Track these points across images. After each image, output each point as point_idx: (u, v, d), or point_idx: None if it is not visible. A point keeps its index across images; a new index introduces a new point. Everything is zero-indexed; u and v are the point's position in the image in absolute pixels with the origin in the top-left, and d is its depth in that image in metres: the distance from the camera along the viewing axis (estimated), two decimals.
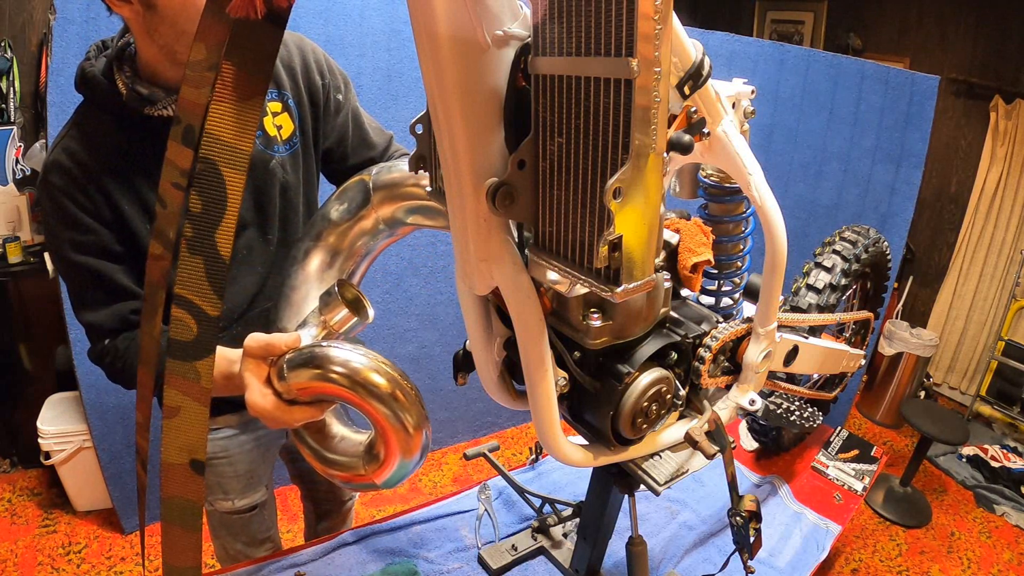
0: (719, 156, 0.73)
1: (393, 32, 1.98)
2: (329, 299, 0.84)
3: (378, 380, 0.73)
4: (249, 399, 0.76)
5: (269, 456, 1.23)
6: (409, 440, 0.76)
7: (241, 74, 0.39)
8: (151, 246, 0.49)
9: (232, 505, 1.19)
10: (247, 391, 0.76)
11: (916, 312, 3.70)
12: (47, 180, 0.86)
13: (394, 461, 0.78)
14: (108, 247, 0.89)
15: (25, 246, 2.35)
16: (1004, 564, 2.42)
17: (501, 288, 0.64)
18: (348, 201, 0.94)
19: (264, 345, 0.77)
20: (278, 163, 0.99)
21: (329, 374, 0.73)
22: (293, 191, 1.03)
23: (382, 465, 0.79)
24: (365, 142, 1.11)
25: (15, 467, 2.42)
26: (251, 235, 1.01)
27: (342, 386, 0.73)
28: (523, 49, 0.53)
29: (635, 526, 1.00)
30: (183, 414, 0.44)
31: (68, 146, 0.86)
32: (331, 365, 0.73)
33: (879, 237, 1.35)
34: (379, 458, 0.79)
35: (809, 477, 1.62)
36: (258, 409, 0.76)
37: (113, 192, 0.87)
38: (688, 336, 0.75)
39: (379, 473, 0.80)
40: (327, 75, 1.04)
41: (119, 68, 0.87)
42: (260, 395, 0.76)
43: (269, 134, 0.98)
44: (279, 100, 0.98)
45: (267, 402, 0.76)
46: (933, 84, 2.55)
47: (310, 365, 0.74)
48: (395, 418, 0.74)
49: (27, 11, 2.42)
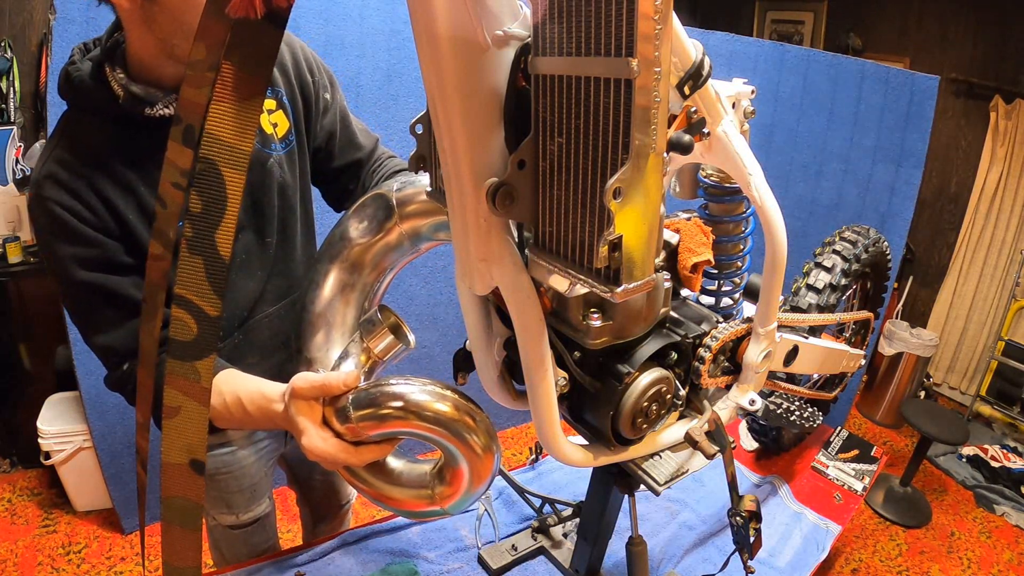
0: (719, 156, 0.73)
1: (393, 32, 1.98)
2: (372, 327, 0.81)
3: (451, 411, 0.72)
4: (308, 444, 0.73)
5: (270, 468, 1.23)
6: (480, 464, 0.75)
7: (241, 74, 0.39)
8: (151, 246, 0.49)
9: (236, 519, 1.17)
10: (303, 436, 0.73)
11: (916, 312, 3.70)
12: (41, 195, 0.79)
13: (464, 486, 0.77)
14: (116, 260, 0.83)
15: (25, 246, 2.35)
16: (1004, 564, 2.42)
17: (501, 288, 0.64)
18: (369, 218, 0.89)
19: (319, 387, 0.73)
20: (275, 162, 0.96)
21: (404, 411, 0.71)
22: (291, 191, 1.00)
23: (453, 492, 0.78)
24: (352, 143, 1.08)
25: (15, 467, 2.42)
26: (248, 238, 0.97)
27: (418, 421, 0.71)
28: (523, 49, 0.53)
29: (635, 526, 1.00)
30: (183, 414, 0.44)
31: (60, 156, 0.80)
32: (403, 402, 0.71)
33: (879, 237, 1.35)
34: (450, 484, 0.78)
35: (809, 477, 1.62)
36: (319, 453, 0.73)
37: (115, 200, 0.82)
38: (688, 336, 0.75)
39: (449, 499, 0.79)
40: (316, 73, 1.02)
41: (111, 69, 0.81)
42: (321, 440, 0.73)
43: (265, 132, 0.95)
44: (273, 97, 0.95)
45: (330, 446, 0.73)
46: (933, 84, 2.55)
47: (381, 404, 0.71)
48: (467, 445, 0.73)
49: (27, 11, 2.42)
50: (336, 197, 1.13)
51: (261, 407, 0.79)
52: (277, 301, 1.05)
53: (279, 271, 1.03)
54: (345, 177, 1.10)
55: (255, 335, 1.03)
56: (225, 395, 0.81)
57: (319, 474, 1.37)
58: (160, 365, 0.72)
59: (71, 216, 0.79)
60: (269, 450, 1.19)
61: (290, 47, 0.99)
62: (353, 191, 1.10)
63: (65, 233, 0.80)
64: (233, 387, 0.81)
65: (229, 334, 1.01)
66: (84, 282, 0.81)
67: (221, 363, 0.86)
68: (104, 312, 0.84)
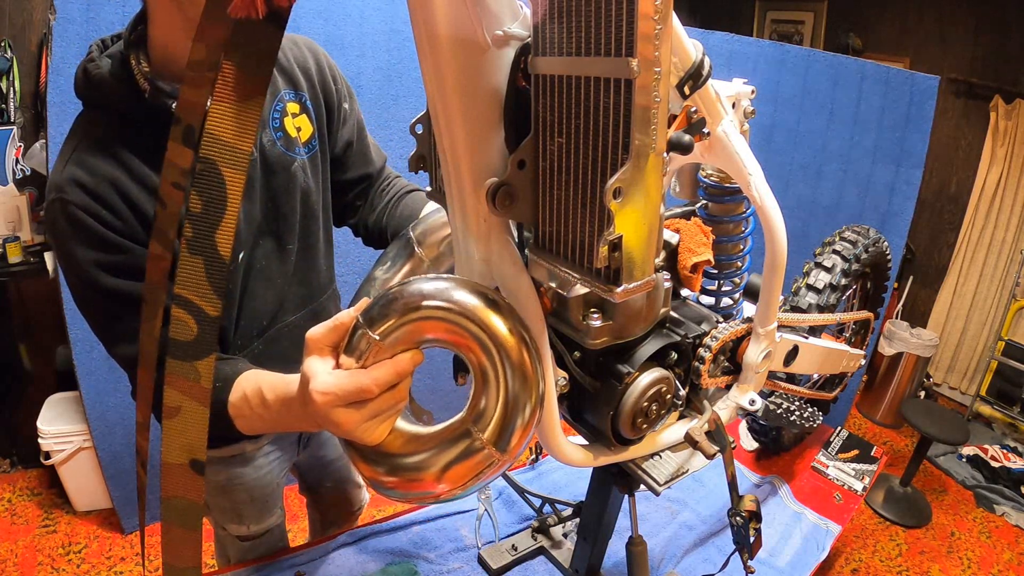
0: (719, 156, 0.73)
1: (393, 32, 1.98)
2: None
3: (476, 302, 0.57)
4: (315, 385, 0.56)
5: (282, 478, 1.20)
6: (517, 356, 0.57)
7: (241, 74, 0.39)
8: (151, 246, 0.49)
9: (247, 530, 1.16)
10: (311, 380, 0.57)
11: (916, 312, 3.70)
12: (62, 199, 0.74)
13: (510, 403, 0.58)
14: (143, 265, 0.74)
15: (25, 246, 2.35)
16: (1004, 564, 2.42)
17: (501, 288, 0.64)
18: (392, 259, 0.89)
19: (331, 327, 0.59)
20: (299, 166, 0.93)
21: (429, 308, 0.56)
22: (313, 196, 0.98)
23: (493, 412, 0.58)
24: (365, 157, 1.07)
25: (15, 467, 2.42)
26: (269, 245, 0.94)
27: (443, 320, 0.56)
28: (523, 49, 0.53)
29: (635, 526, 1.00)
30: (183, 414, 0.44)
31: (80, 158, 0.76)
32: (426, 297, 0.56)
33: (879, 237, 1.35)
34: (489, 412, 0.58)
35: (809, 477, 1.62)
36: (328, 389, 0.55)
37: (142, 203, 0.77)
38: (688, 336, 0.75)
39: (496, 433, 0.58)
40: (339, 81, 1.01)
41: (136, 60, 0.77)
42: (329, 375, 0.57)
43: (290, 135, 0.92)
44: (297, 101, 0.93)
45: (340, 377, 0.56)
46: (933, 84, 2.55)
47: (401, 305, 0.56)
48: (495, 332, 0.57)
49: (27, 11, 2.42)
50: (340, 211, 1.10)
51: (280, 394, 0.70)
52: (298, 310, 1.03)
53: (300, 280, 1.01)
54: (354, 191, 1.08)
55: (276, 346, 1.01)
56: (246, 389, 0.74)
57: (329, 481, 1.36)
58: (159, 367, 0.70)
59: (95, 221, 0.75)
60: (281, 460, 1.18)
61: (314, 53, 0.98)
62: (359, 208, 1.09)
63: (89, 238, 0.75)
64: (256, 380, 0.74)
65: (249, 344, 0.98)
66: (110, 289, 0.77)
67: (247, 364, 0.81)
68: (129, 320, 0.79)
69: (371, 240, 1.10)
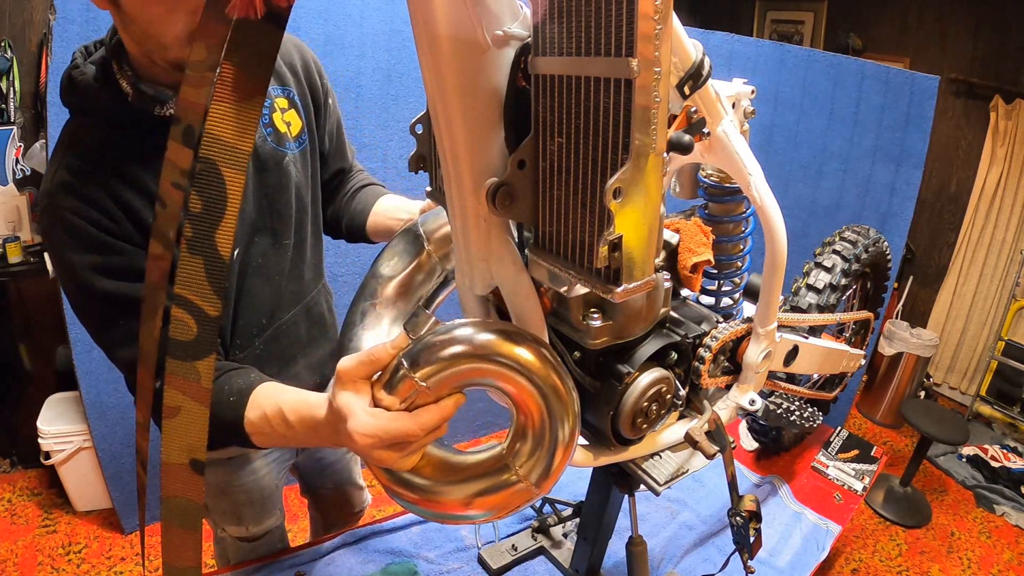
0: (719, 156, 0.73)
1: (393, 32, 1.98)
2: (417, 319, 0.68)
3: (522, 349, 0.59)
4: (354, 426, 0.58)
5: (282, 479, 1.20)
6: (563, 404, 0.60)
7: (241, 74, 0.39)
8: (151, 246, 0.49)
9: (246, 532, 1.15)
10: (348, 419, 0.58)
11: (916, 312, 3.70)
12: (54, 204, 0.75)
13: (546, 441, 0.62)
14: (140, 266, 0.74)
15: (25, 246, 2.35)
16: (1004, 564, 2.42)
17: (501, 288, 0.64)
18: (399, 254, 0.88)
19: (366, 360, 0.59)
20: (291, 160, 0.94)
21: (475, 354, 0.57)
22: (304, 190, 0.99)
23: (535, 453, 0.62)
24: (341, 152, 1.11)
25: (15, 467, 2.42)
26: (265, 242, 0.94)
27: (490, 364, 0.57)
28: (523, 49, 0.53)
29: (635, 526, 1.00)
30: (183, 414, 0.44)
31: (70, 164, 0.76)
32: (473, 343, 0.57)
33: (879, 237, 1.35)
34: (530, 446, 0.62)
35: (809, 477, 1.62)
36: (368, 431, 0.57)
37: (135, 204, 0.78)
38: (688, 336, 0.75)
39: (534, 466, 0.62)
40: (323, 77, 1.03)
41: (119, 66, 0.78)
42: (368, 415, 0.58)
43: (280, 131, 0.93)
44: (285, 96, 0.94)
45: (381, 418, 0.57)
46: (933, 84, 2.55)
47: (451, 354, 0.57)
48: (546, 383, 0.59)
49: (27, 11, 2.42)
50: None
51: (304, 417, 0.68)
52: (292, 307, 1.03)
53: (294, 275, 1.01)
54: (330, 185, 1.11)
55: (274, 344, 1.01)
56: (265, 408, 0.72)
57: (330, 483, 1.36)
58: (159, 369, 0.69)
59: (89, 225, 0.75)
60: (281, 461, 1.18)
61: (299, 49, 0.99)
62: (330, 201, 1.12)
63: (84, 243, 0.75)
64: (275, 399, 0.73)
65: (250, 344, 0.97)
66: (107, 292, 0.77)
67: (260, 376, 0.79)
68: (129, 324, 0.78)
69: (328, 229, 1.13)
